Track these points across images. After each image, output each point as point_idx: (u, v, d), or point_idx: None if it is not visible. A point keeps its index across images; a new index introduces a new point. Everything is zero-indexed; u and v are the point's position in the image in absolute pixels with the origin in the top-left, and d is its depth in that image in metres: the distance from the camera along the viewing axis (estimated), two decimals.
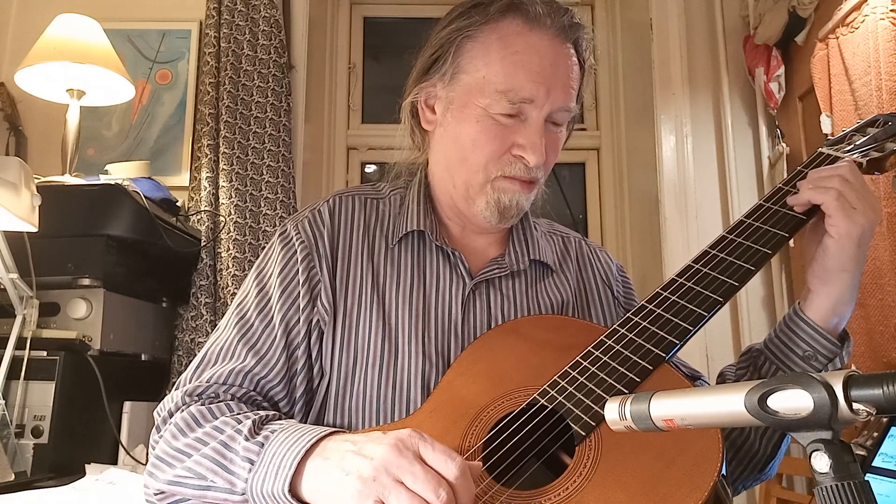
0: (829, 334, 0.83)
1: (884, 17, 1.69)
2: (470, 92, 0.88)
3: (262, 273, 0.92)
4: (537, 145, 0.86)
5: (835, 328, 0.84)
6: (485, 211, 0.91)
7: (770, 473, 0.91)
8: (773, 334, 0.88)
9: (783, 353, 0.86)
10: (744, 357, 0.92)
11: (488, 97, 0.86)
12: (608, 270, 1.04)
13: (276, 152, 2.22)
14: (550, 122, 0.89)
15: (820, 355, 0.83)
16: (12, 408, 1.46)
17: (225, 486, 0.73)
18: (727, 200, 2.36)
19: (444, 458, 0.63)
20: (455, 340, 0.88)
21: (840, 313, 0.83)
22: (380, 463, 0.63)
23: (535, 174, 0.89)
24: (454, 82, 0.90)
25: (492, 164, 0.88)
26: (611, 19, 2.90)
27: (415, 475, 0.62)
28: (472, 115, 0.88)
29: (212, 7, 2.27)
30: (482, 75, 0.87)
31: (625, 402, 0.53)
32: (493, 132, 0.87)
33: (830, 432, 0.44)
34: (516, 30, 0.87)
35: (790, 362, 0.85)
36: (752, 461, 0.89)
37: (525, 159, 0.87)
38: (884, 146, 0.89)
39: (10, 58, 2.31)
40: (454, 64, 0.89)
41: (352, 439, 0.68)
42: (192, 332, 2.03)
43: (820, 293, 0.83)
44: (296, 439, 0.70)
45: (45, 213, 1.43)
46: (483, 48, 0.88)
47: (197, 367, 0.86)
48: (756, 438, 0.88)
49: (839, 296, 0.82)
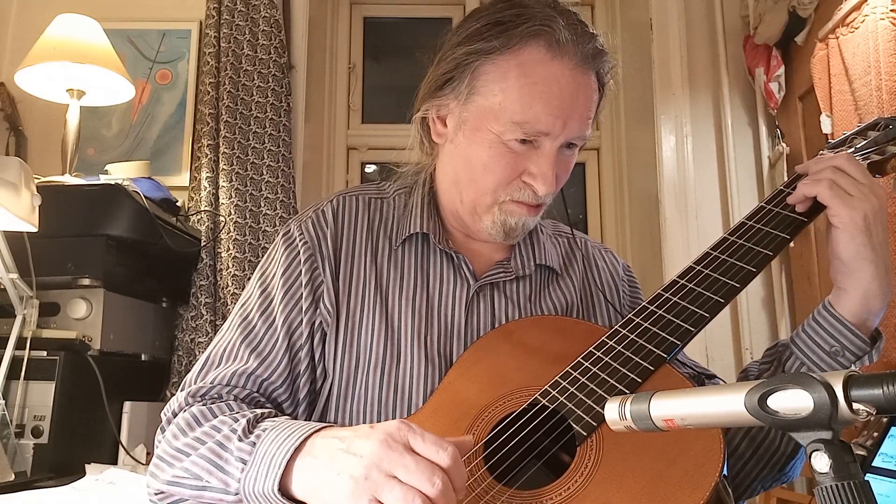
0: (857, 329, 0.79)
1: (884, 17, 1.69)
2: (485, 115, 0.86)
3: (265, 274, 0.92)
4: (548, 176, 0.85)
5: (864, 324, 0.80)
6: (490, 229, 0.90)
7: (792, 474, 0.88)
8: (800, 329, 0.85)
9: (809, 348, 0.83)
10: (769, 352, 0.90)
11: (503, 125, 0.84)
12: (614, 272, 1.03)
13: (276, 152, 2.22)
14: (564, 146, 0.87)
15: (848, 352, 0.80)
16: (12, 408, 1.46)
17: (220, 487, 0.73)
18: (727, 200, 2.36)
19: (435, 447, 0.62)
20: (457, 343, 0.88)
21: (870, 308, 0.79)
22: (370, 460, 0.62)
23: (543, 200, 0.89)
24: (468, 102, 0.87)
25: (501, 189, 0.87)
26: (611, 19, 2.90)
27: (407, 467, 0.61)
28: (485, 139, 0.86)
29: (212, 7, 2.27)
30: (498, 101, 0.84)
31: (625, 402, 0.53)
32: (504, 159, 0.86)
33: (830, 432, 0.44)
34: (538, 58, 0.83)
35: (816, 357, 0.82)
36: (771, 459, 0.86)
37: (534, 187, 0.86)
38: (884, 149, 0.89)
39: (10, 58, 2.31)
40: (470, 85, 0.86)
41: (340, 436, 0.67)
42: (192, 332, 2.03)
43: (846, 287, 0.80)
44: (285, 437, 0.70)
45: (45, 213, 1.43)
46: (501, 74, 0.84)
47: (201, 368, 0.86)
48: (777, 435, 0.85)
49: (866, 288, 0.79)
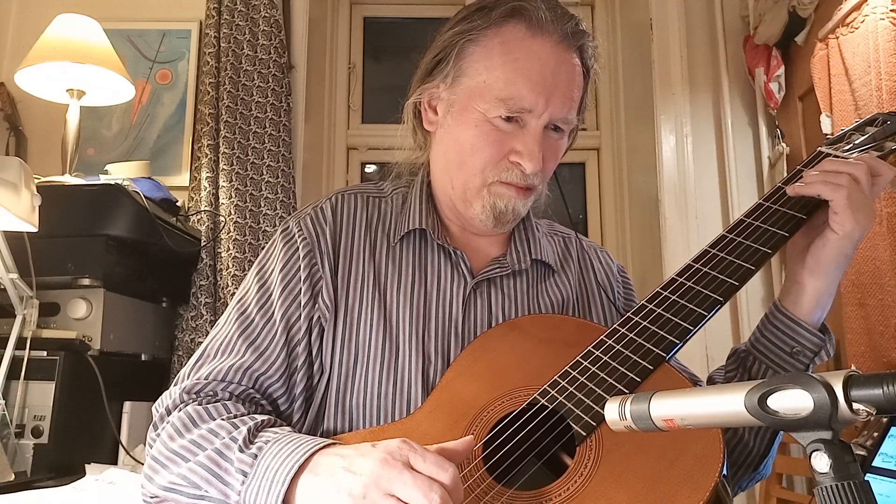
0: (812, 328, 0.84)
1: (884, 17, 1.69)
2: (471, 95, 0.88)
3: (263, 269, 0.92)
4: (534, 153, 0.86)
5: (817, 321, 0.85)
6: (480, 214, 0.91)
7: (765, 472, 0.92)
8: (758, 334, 0.88)
9: (771, 352, 0.86)
10: (731, 359, 0.93)
11: (488, 102, 0.86)
12: (609, 271, 1.04)
13: (276, 152, 2.22)
14: (551, 128, 0.89)
15: (807, 350, 0.85)
16: (12, 408, 1.45)
17: (219, 497, 0.73)
18: (727, 200, 2.35)
19: (435, 468, 0.63)
20: (455, 339, 0.88)
21: (823, 306, 0.85)
22: (369, 479, 0.63)
23: (531, 181, 0.89)
24: (455, 85, 0.90)
25: (489, 169, 0.89)
26: (611, 19, 2.89)
27: (405, 482, 0.61)
28: (472, 119, 0.88)
29: (212, 7, 2.27)
30: (483, 79, 0.87)
31: (625, 402, 0.53)
32: (491, 137, 0.87)
33: (830, 432, 0.44)
34: (518, 35, 0.87)
35: (779, 360, 0.86)
36: (746, 460, 0.90)
37: (522, 166, 0.87)
38: (883, 145, 0.89)
39: (10, 58, 2.31)
40: (456, 67, 0.89)
41: (342, 453, 0.68)
42: (192, 332, 2.03)
43: (807, 287, 0.84)
44: (289, 453, 0.70)
45: (45, 213, 1.43)
46: (485, 52, 0.87)
47: (196, 362, 0.86)
48: (751, 437, 0.89)
49: (826, 289, 0.83)
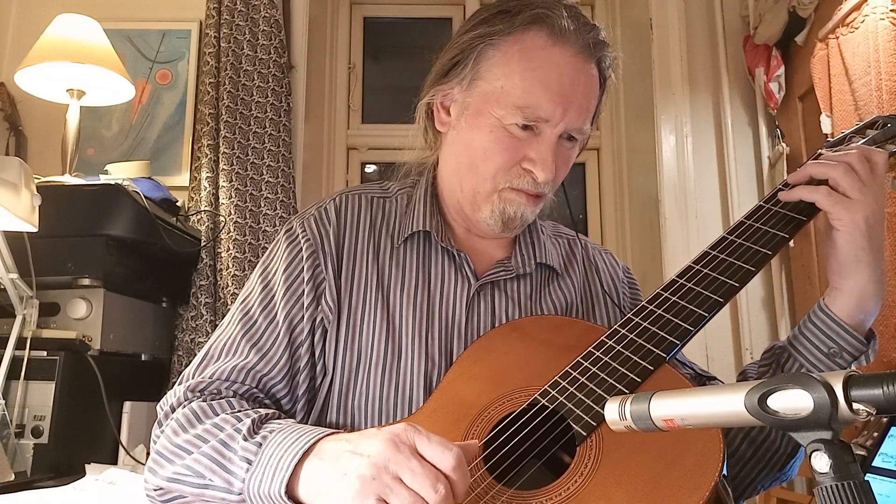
0: (853, 330, 0.81)
1: (884, 17, 1.69)
2: (486, 100, 0.87)
3: (266, 270, 0.92)
4: (548, 162, 0.86)
5: (860, 325, 0.81)
6: (489, 219, 0.91)
7: (790, 473, 0.89)
8: (797, 331, 0.86)
9: (807, 350, 0.83)
10: (766, 354, 0.91)
11: (504, 108, 0.85)
12: (614, 274, 1.04)
13: (276, 152, 2.22)
14: (564, 137, 0.88)
15: (845, 352, 0.81)
16: (12, 408, 1.45)
17: (223, 486, 0.73)
18: (727, 200, 2.35)
19: (440, 449, 0.63)
20: (458, 341, 0.88)
21: (865, 310, 0.81)
22: (378, 459, 0.63)
23: (542, 189, 0.89)
24: (472, 88, 0.89)
25: (500, 175, 0.88)
26: (611, 19, 2.89)
27: (413, 471, 0.62)
28: (486, 123, 0.87)
29: (212, 7, 2.27)
30: (500, 85, 0.86)
31: (625, 402, 0.53)
32: (504, 143, 0.87)
33: (830, 432, 0.44)
34: (539, 43, 0.86)
35: (814, 359, 0.83)
36: (771, 459, 0.87)
37: (534, 174, 0.87)
38: (883, 147, 0.89)
39: (10, 58, 2.31)
40: (474, 70, 0.88)
41: (347, 438, 0.68)
42: (192, 332, 2.03)
43: (842, 288, 0.81)
44: (293, 440, 0.70)
45: (45, 213, 1.43)
46: (504, 58, 0.86)
47: (200, 362, 0.86)
48: (777, 436, 0.86)
49: (862, 290, 0.80)
